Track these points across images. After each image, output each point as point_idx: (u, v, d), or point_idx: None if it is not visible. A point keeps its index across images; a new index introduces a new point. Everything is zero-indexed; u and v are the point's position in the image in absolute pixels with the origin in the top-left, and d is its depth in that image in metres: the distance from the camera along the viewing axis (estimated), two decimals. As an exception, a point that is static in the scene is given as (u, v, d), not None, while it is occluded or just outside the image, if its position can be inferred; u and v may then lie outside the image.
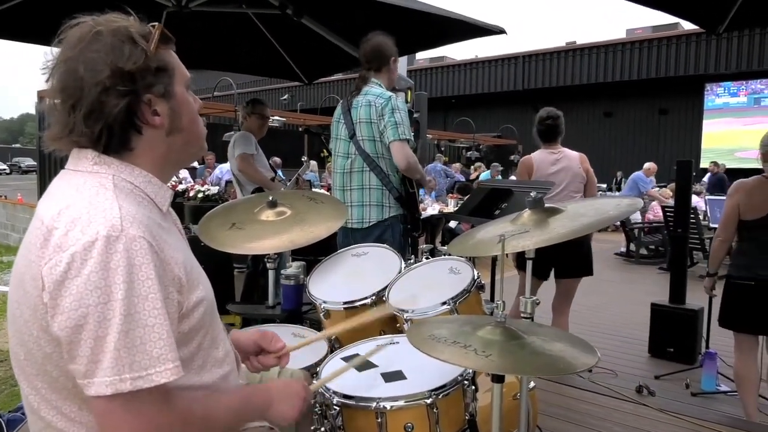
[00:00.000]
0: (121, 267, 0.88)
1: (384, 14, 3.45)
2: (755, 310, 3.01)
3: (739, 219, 3.02)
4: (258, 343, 1.35)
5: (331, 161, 3.10)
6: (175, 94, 1.05)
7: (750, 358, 3.11)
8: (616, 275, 8.14)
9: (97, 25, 0.99)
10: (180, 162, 1.17)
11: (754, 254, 2.99)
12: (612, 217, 1.44)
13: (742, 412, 3.15)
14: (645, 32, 18.32)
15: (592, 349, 1.24)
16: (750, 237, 3.01)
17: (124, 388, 0.87)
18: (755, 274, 2.97)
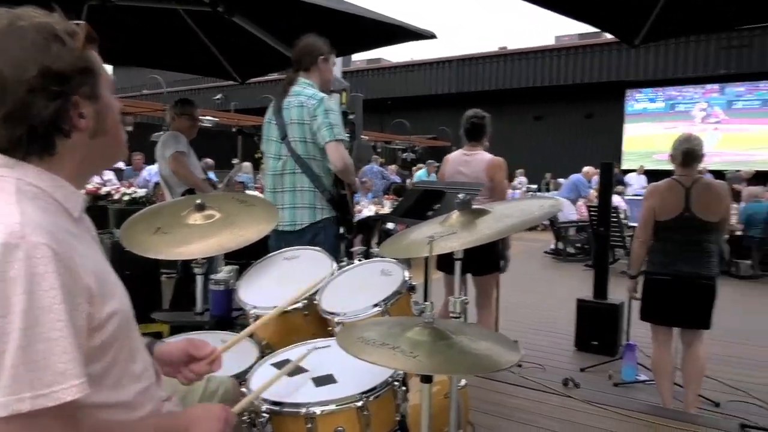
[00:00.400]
0: (21, 277, 0.82)
1: (318, 16, 3.44)
2: (671, 304, 3.21)
3: (655, 220, 3.22)
4: (187, 351, 1.29)
5: (263, 162, 3.05)
6: (100, 96, 1.01)
7: (665, 349, 3.31)
8: (546, 273, 8.46)
9: (17, 18, 0.93)
10: (99, 166, 1.12)
11: (670, 252, 3.19)
12: (536, 218, 1.50)
13: (659, 400, 3.35)
14: (572, 39, 19.13)
15: (516, 346, 1.28)
16: (665, 236, 3.21)
17: (22, 408, 0.80)
18: (671, 270, 3.17)
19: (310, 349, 1.59)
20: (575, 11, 3.38)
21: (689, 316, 3.20)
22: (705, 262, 3.13)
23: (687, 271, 3.13)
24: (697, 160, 3.18)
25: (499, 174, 3.59)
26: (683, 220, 3.13)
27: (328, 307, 1.83)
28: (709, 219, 3.10)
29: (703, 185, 3.14)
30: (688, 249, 3.14)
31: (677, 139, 3.26)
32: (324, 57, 2.91)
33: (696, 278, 3.13)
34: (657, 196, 3.24)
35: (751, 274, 7.94)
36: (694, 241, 3.13)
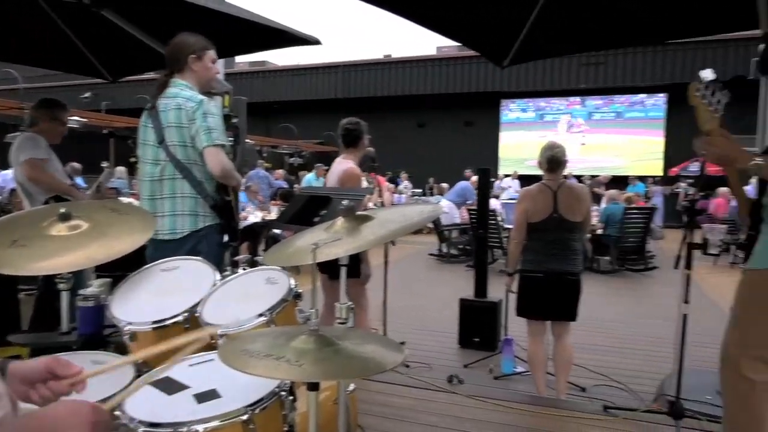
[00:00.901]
0: None
1: (196, 15, 3.30)
2: (543, 299, 3.47)
3: (528, 221, 3.46)
4: (50, 368, 1.14)
5: (138, 168, 2.86)
6: None
7: (539, 341, 3.57)
8: (431, 274, 8.77)
9: None
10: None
11: (541, 251, 3.45)
12: (416, 223, 1.55)
13: (535, 389, 3.60)
14: (452, 50, 20.07)
15: (399, 347, 1.31)
16: (537, 236, 3.47)
17: None
18: (543, 268, 3.43)
19: (194, 365, 1.51)
20: (453, 33, 3.58)
21: (559, 309, 3.48)
22: (571, 259, 3.42)
23: (556, 268, 3.41)
24: (561, 166, 3.48)
25: (349, 184, 3.59)
26: (552, 221, 3.40)
27: (210, 319, 1.76)
28: (574, 219, 3.40)
29: (567, 188, 3.44)
30: (556, 247, 3.41)
31: (542, 147, 3.54)
32: (195, 55, 2.75)
33: (564, 274, 3.41)
34: (529, 199, 3.50)
35: (610, 269, 8.80)
36: (561, 240, 3.41)
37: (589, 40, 3.87)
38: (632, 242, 8.86)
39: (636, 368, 4.30)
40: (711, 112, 2.13)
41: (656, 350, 4.64)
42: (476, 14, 3.37)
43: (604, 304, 6.48)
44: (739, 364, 2.10)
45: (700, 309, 5.55)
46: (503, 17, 3.46)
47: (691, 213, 2.85)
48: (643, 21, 3.50)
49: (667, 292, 6.70)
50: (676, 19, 3.44)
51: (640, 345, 4.92)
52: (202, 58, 2.77)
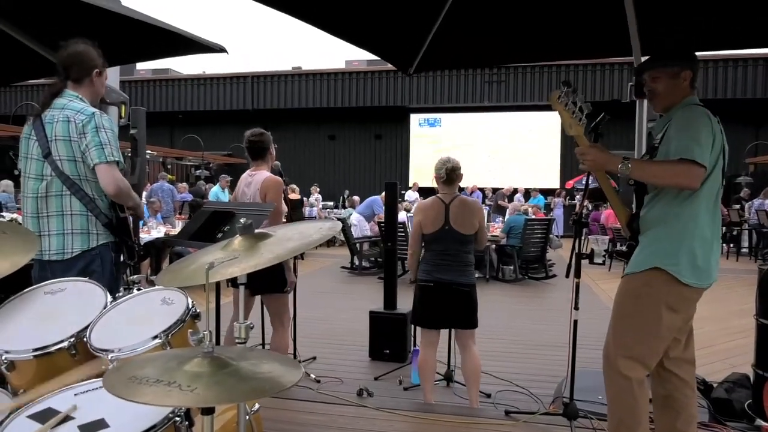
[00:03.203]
0: None
1: (92, 17, 3.11)
2: (436, 309, 3.56)
3: (422, 233, 3.57)
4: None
5: (21, 183, 2.65)
6: None
7: (431, 350, 3.64)
8: (343, 287, 8.77)
9: None
10: None
11: (433, 261, 3.56)
12: (314, 240, 1.56)
13: (446, 399, 3.68)
14: (361, 64, 20.33)
15: (297, 365, 1.31)
16: (430, 248, 3.59)
17: None
18: (434, 278, 3.54)
19: (80, 393, 1.42)
20: (360, 40, 3.63)
21: (454, 319, 3.58)
22: (463, 270, 3.53)
23: (447, 278, 3.51)
24: (458, 178, 3.62)
25: (272, 193, 3.53)
26: (443, 233, 3.52)
27: (98, 343, 1.66)
28: (466, 232, 3.53)
29: (459, 202, 3.57)
30: (447, 259, 3.52)
31: (439, 161, 3.66)
32: (98, 71, 2.64)
33: (454, 285, 3.51)
34: (422, 212, 3.62)
35: (514, 278, 9.23)
36: (453, 251, 3.53)
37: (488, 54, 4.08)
38: (533, 252, 9.37)
39: (537, 372, 4.52)
40: (573, 117, 2.37)
41: (555, 354, 4.89)
42: (382, 22, 3.44)
43: (508, 312, 6.77)
44: (617, 363, 2.28)
45: (594, 313, 5.96)
46: (408, 25, 3.56)
47: (579, 224, 3.06)
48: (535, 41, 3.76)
49: (566, 298, 7.11)
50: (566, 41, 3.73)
51: (541, 350, 5.18)
52: (102, 74, 2.66)
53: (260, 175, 3.59)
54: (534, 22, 3.52)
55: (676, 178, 2.15)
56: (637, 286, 2.30)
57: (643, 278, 2.26)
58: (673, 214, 2.23)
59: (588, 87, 17.20)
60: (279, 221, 3.48)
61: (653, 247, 2.27)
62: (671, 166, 2.15)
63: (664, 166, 2.20)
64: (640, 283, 2.28)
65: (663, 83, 2.34)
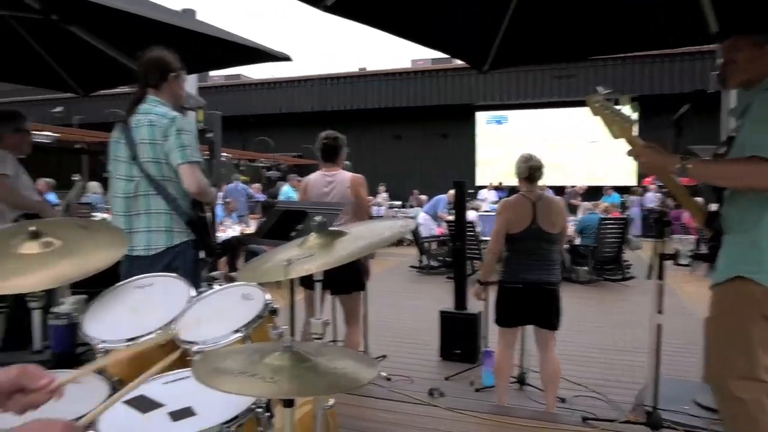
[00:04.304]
0: None
1: (167, 32, 3.29)
2: (523, 310, 3.50)
3: (507, 232, 3.49)
4: (18, 383, 1.14)
5: (110, 184, 2.82)
6: None
7: (509, 351, 3.59)
8: (412, 286, 8.78)
9: None
10: None
11: (520, 261, 3.48)
12: (386, 238, 1.56)
13: (520, 402, 3.61)
14: (426, 63, 20.27)
15: (373, 362, 1.32)
16: (515, 247, 3.50)
17: None
18: (521, 278, 3.46)
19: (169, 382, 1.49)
20: (428, 40, 3.61)
21: (539, 318, 3.50)
22: (549, 269, 3.45)
23: (534, 278, 3.43)
24: (540, 176, 3.52)
25: (362, 190, 3.68)
26: (531, 231, 3.43)
27: (185, 336, 1.74)
28: (552, 231, 3.44)
29: (546, 200, 3.49)
30: (535, 258, 3.44)
31: (520, 158, 3.58)
32: (175, 74, 2.77)
33: (542, 284, 3.43)
34: (509, 210, 3.53)
35: (588, 278, 8.89)
36: (540, 250, 3.44)
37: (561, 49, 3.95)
38: (608, 252, 8.99)
39: (615, 378, 4.34)
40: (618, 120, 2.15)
41: (634, 360, 4.69)
42: (452, 20, 3.40)
43: (582, 314, 6.55)
44: (726, 386, 2.04)
45: (677, 317, 5.65)
46: (479, 22, 3.50)
47: (661, 223, 2.90)
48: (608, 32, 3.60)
49: (645, 301, 6.80)
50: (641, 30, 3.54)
51: (619, 355, 4.97)
52: (179, 78, 2.79)
53: (342, 175, 3.67)
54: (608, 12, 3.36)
55: (746, 180, 1.90)
56: (730, 299, 2.06)
57: (734, 289, 2.02)
58: (753, 218, 1.97)
59: (665, 79, 16.35)
60: (365, 219, 3.60)
61: (736, 253, 2.03)
62: (740, 167, 1.90)
63: (731, 167, 1.96)
64: (732, 296, 2.04)
65: (744, 53, 2.03)
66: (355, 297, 3.68)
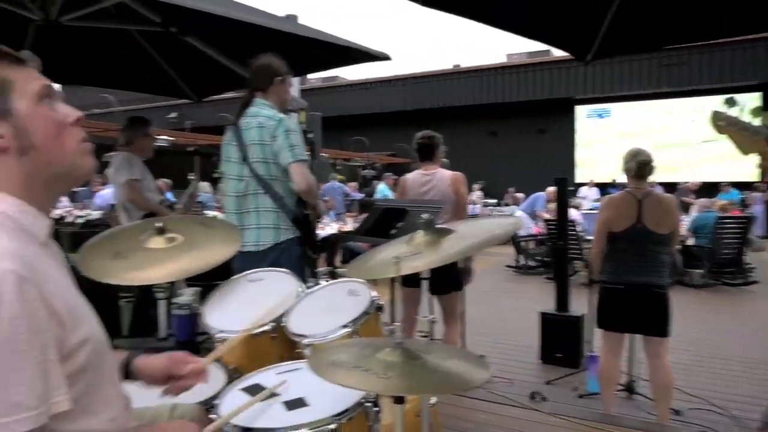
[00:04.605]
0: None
1: (272, 37, 3.45)
2: (625, 313, 3.29)
3: (609, 231, 3.31)
4: (169, 371, 1.29)
5: (223, 184, 3.00)
6: (15, 111, 0.96)
7: (615, 357, 3.39)
8: (508, 286, 8.58)
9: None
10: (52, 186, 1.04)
11: (622, 262, 3.28)
12: (497, 236, 1.52)
13: (626, 411, 3.41)
14: (521, 57, 19.72)
15: (484, 363, 1.29)
16: (618, 247, 3.31)
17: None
18: (624, 280, 3.26)
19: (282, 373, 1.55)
20: (527, 31, 3.49)
21: (645, 324, 3.28)
22: (656, 271, 3.22)
23: (639, 280, 3.22)
24: (650, 172, 3.30)
25: (463, 188, 3.67)
26: (635, 231, 3.23)
27: (296, 329, 1.81)
28: (660, 231, 3.20)
29: (654, 199, 3.25)
30: (639, 259, 3.23)
31: (628, 153, 3.37)
32: (281, 78, 2.90)
33: (648, 287, 3.22)
34: (611, 208, 3.34)
35: (703, 282, 8.20)
36: (645, 251, 3.23)
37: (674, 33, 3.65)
38: (727, 254, 8.23)
39: (737, 392, 3.99)
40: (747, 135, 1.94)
41: (760, 373, 4.29)
42: (552, 9, 3.27)
43: (697, 321, 6.06)
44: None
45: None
46: (583, 9, 3.33)
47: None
48: (727, 11, 3.28)
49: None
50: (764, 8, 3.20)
51: (743, 366, 4.56)
52: (285, 81, 2.91)
53: (442, 173, 3.67)
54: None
55: None
56: None
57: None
58: None
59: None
60: (465, 217, 3.59)
61: None
62: None
63: None
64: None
65: None
66: (454, 296, 3.65)
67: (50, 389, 0.86)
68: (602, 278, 3.38)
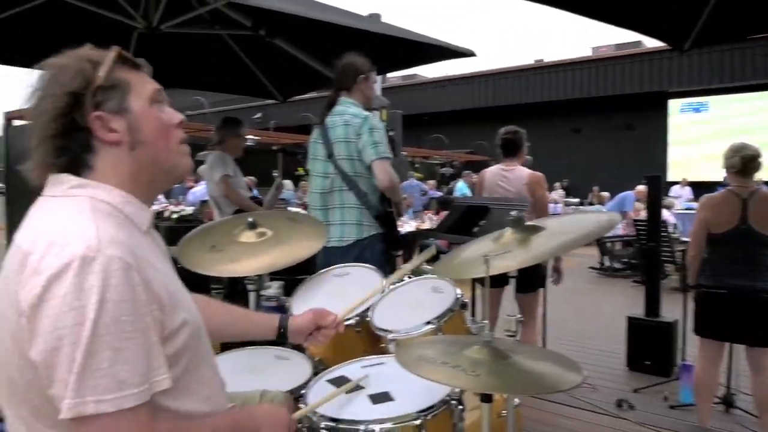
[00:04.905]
0: (96, 287, 0.87)
1: (356, 37, 3.50)
2: (727, 319, 3.07)
3: (708, 232, 3.09)
4: (315, 322, 1.56)
5: (308, 181, 3.09)
6: (131, 109, 1.05)
7: (713, 366, 3.16)
8: (592, 288, 8.26)
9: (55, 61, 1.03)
10: (156, 180, 1.12)
11: (725, 265, 3.06)
12: (592, 233, 1.46)
13: (723, 425, 3.18)
14: (609, 50, 18.86)
15: (577, 366, 1.25)
16: (719, 250, 3.08)
17: (86, 411, 0.85)
18: (726, 284, 3.04)
19: (366, 366, 1.58)
20: (618, 19, 3.31)
21: (750, 332, 3.04)
22: (763, 275, 2.97)
23: (743, 285, 2.99)
24: (757, 168, 3.05)
25: (540, 190, 3.55)
26: (739, 233, 2.99)
27: (380, 324, 1.83)
28: None
29: (761, 197, 3.00)
30: (743, 262, 3.00)
31: (731, 148, 3.13)
32: (364, 76, 2.94)
33: (753, 292, 2.98)
34: (710, 208, 3.12)
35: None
36: (751, 254, 2.99)
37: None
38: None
39: None
40: None
41: None
42: None
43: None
44: None
45: None
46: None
47: None
48: None
49: None
50: None
51: None
52: (368, 79, 2.95)
53: (520, 171, 3.58)
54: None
55: None
56: None
57: None
58: None
59: None
60: (545, 215, 3.48)
61: None
62: None
63: None
64: None
65: None
66: (534, 295, 3.57)
67: (152, 368, 0.92)
68: (700, 282, 3.17)
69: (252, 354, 1.94)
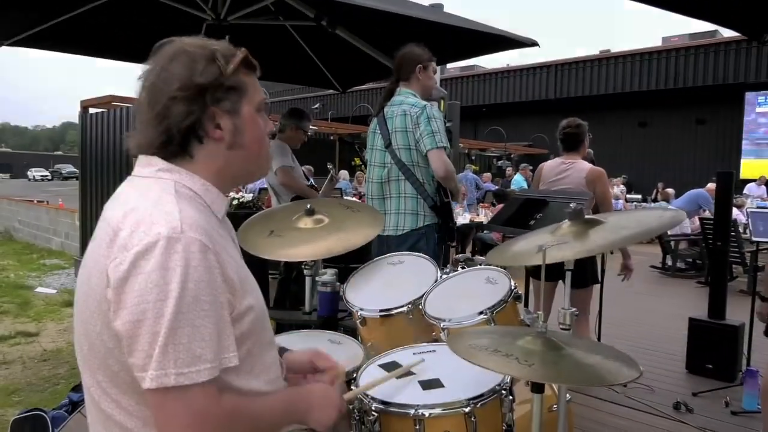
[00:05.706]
0: (179, 267, 0.93)
1: (417, 27, 3.50)
2: None
3: None
4: (312, 362, 1.40)
5: (365, 170, 3.14)
6: (241, 113, 1.11)
7: None
8: (652, 288, 7.96)
9: (186, 45, 1.08)
10: (237, 178, 1.22)
11: None
12: (653, 229, 1.42)
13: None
14: (682, 40, 17.96)
15: (633, 362, 1.23)
16: None
17: (168, 382, 0.92)
18: None
19: (417, 353, 1.60)
20: (690, 9, 3.17)
21: None
22: None
23: None
24: None
25: (600, 185, 3.44)
26: None
27: (433, 312, 1.85)
28: None
29: None
30: None
31: None
32: (423, 66, 2.94)
33: None
34: None
35: None
36: None
37: None
38: None
39: None
40: None
41: None
42: None
43: None
44: None
45: None
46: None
47: None
48: None
49: None
50: None
51: None
52: (428, 69, 2.95)
53: (580, 165, 3.50)
54: None
55: None
56: None
57: None
58: None
59: None
60: (609, 211, 3.40)
61: None
62: None
63: None
64: None
65: None
66: (587, 291, 3.48)
67: (223, 346, 0.99)
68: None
69: (306, 337, 2.00)
